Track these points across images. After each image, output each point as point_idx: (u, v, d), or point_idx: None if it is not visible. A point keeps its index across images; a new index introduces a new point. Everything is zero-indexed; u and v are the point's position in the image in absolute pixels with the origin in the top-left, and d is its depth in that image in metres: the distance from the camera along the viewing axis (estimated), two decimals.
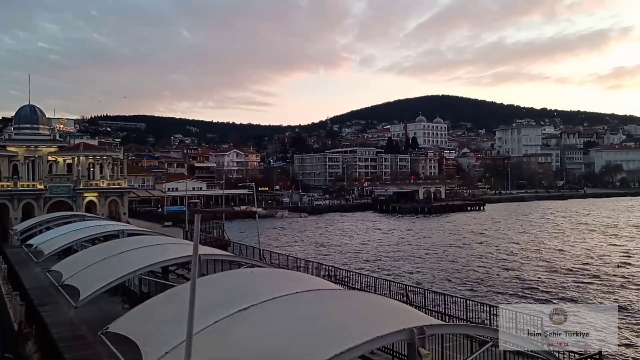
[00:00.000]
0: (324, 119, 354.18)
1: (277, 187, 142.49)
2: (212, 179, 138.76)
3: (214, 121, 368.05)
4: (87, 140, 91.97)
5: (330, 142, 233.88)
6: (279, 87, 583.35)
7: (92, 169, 62.49)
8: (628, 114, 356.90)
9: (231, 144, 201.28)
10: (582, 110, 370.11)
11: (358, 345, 8.27)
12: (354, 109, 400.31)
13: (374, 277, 27.38)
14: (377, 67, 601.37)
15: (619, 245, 58.43)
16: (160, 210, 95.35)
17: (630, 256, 50.82)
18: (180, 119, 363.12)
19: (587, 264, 46.53)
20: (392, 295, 23.60)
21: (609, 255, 51.12)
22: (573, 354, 15.24)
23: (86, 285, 17.36)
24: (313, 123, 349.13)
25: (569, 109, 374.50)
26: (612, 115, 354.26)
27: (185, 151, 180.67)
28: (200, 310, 8.63)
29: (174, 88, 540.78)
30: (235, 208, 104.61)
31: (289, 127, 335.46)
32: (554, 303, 32.07)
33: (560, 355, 14.75)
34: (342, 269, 31.18)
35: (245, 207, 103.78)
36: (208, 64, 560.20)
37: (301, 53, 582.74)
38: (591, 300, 32.99)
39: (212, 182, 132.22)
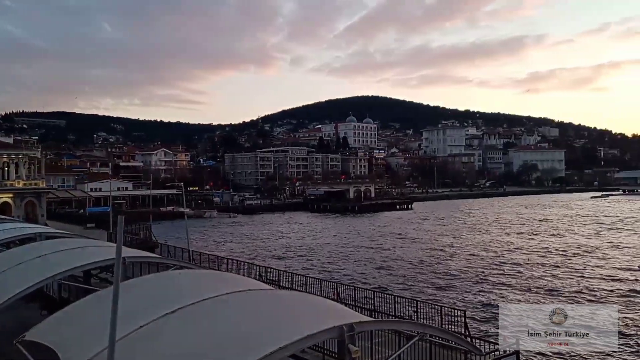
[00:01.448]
0: (255, 118, 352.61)
1: (208, 187, 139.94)
2: (138, 178, 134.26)
3: (141, 119, 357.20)
4: (1, 138, 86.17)
5: (261, 142, 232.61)
6: (208, 85, 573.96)
7: (6, 169, 58.76)
8: (542, 117, 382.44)
9: (159, 143, 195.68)
10: (502, 112, 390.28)
11: (288, 345, 8.27)
12: (285, 108, 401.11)
13: (305, 276, 27.52)
14: (308, 67, 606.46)
15: (531, 240, 62.08)
16: (82, 211, 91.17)
17: (548, 249, 54.01)
18: (103, 116, 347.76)
19: (509, 257, 49.04)
20: (323, 293, 23.82)
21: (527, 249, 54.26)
22: (493, 345, 15.96)
23: (0, 291, 16.27)
24: (244, 122, 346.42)
25: (490, 111, 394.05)
26: (529, 118, 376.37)
27: (109, 150, 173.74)
28: (124, 314, 8.33)
29: (96, 84, 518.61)
30: (162, 209, 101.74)
31: (219, 125, 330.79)
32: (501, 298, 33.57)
33: (481, 347, 15.39)
34: (274, 269, 31.10)
35: (172, 207, 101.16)
36: (132, 60, 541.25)
37: (231, 51, 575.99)
38: (508, 291, 34.81)
39: (138, 182, 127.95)
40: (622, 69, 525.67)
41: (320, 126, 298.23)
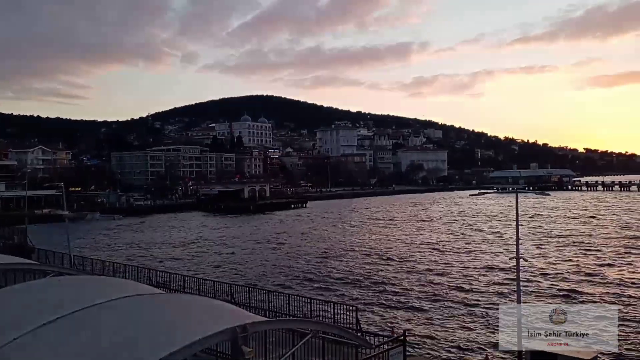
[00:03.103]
0: (144, 115, 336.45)
1: (92, 188, 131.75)
2: (12, 178, 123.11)
3: (14, 114, 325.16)
4: None
5: (152, 140, 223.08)
6: (92, 79, 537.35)
7: None
8: (428, 119, 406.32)
9: (36, 140, 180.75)
10: (391, 114, 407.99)
11: (177, 350, 8.03)
12: (177, 106, 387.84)
13: (198, 278, 26.96)
14: (201, 65, 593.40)
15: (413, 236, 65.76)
16: None
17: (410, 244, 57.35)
18: None
19: (397, 253, 51.38)
20: (216, 295, 23.48)
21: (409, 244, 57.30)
22: (381, 338, 16.63)
23: None
24: (133, 119, 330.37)
25: (380, 113, 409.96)
26: (415, 120, 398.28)
27: None
28: None
29: None
30: (36, 211, 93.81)
31: (105, 122, 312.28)
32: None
33: (371, 340, 15.98)
34: (164, 272, 30.07)
35: (49, 209, 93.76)
36: (5, 49, 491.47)
37: (117, 44, 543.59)
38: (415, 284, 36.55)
39: (12, 182, 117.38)
40: (494, 77, 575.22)
41: (214, 125, 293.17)
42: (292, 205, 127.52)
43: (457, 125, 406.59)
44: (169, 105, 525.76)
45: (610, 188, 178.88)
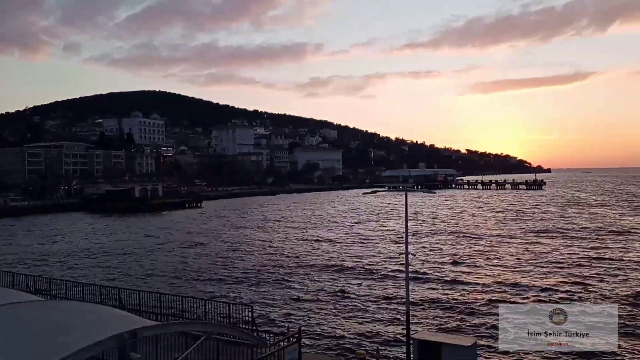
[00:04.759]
0: (21, 109, 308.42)
1: None
2: None
3: None
4: None
5: (30, 136, 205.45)
6: None
7: None
8: (323, 119, 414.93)
9: None
10: (287, 113, 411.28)
11: None
12: (59, 99, 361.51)
13: (82, 283, 25.29)
14: (85, 56, 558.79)
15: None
16: None
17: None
18: None
19: (292, 252, 51.84)
20: (103, 301, 22.25)
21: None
22: (276, 336, 16.67)
23: None
24: (8, 113, 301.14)
25: (276, 112, 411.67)
26: (312, 120, 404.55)
27: None
28: None
29: None
30: None
31: None
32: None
33: (266, 338, 15.96)
34: (43, 277, 27.85)
35: None
36: None
37: None
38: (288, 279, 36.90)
39: None
40: (386, 80, 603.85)
41: (101, 120, 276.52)
42: (187, 205, 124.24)
43: (351, 126, 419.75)
44: (50, 99, 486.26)
45: (488, 186, 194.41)
